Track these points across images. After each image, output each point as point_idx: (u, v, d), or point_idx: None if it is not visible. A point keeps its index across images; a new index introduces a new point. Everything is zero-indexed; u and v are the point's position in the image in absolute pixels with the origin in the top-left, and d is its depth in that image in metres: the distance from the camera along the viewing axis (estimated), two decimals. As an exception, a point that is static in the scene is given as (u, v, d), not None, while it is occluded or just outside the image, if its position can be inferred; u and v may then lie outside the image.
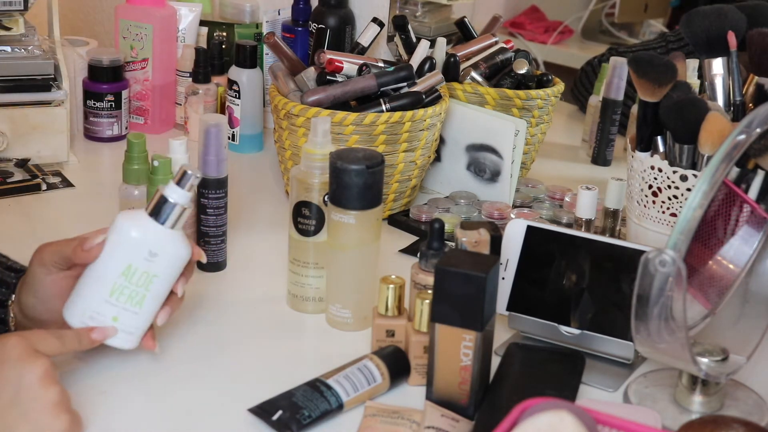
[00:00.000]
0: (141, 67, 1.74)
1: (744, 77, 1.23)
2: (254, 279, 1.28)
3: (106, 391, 1.01)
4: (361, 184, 1.11)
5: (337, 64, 1.48)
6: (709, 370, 0.99)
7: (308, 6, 1.78)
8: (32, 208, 1.45)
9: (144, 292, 1.00)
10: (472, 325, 0.98)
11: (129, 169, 1.26)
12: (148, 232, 0.99)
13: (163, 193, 1.00)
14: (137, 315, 1.00)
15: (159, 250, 0.99)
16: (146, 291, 1.00)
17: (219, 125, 1.23)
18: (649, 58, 1.19)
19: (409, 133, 1.42)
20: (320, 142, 1.16)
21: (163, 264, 1.00)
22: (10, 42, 1.56)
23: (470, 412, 1.00)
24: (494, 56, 1.64)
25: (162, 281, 1.01)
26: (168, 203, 1.00)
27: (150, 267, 0.99)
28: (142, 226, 1.00)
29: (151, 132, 1.71)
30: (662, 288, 0.90)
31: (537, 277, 1.14)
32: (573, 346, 1.11)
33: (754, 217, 1.04)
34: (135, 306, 1.00)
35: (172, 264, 1.01)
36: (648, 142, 1.23)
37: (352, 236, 1.13)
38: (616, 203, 1.36)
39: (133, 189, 1.26)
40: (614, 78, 1.72)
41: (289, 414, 0.97)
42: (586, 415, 0.80)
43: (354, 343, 1.13)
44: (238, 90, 1.68)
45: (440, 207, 1.49)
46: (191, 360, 1.09)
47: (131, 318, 1.00)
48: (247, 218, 1.45)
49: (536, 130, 1.61)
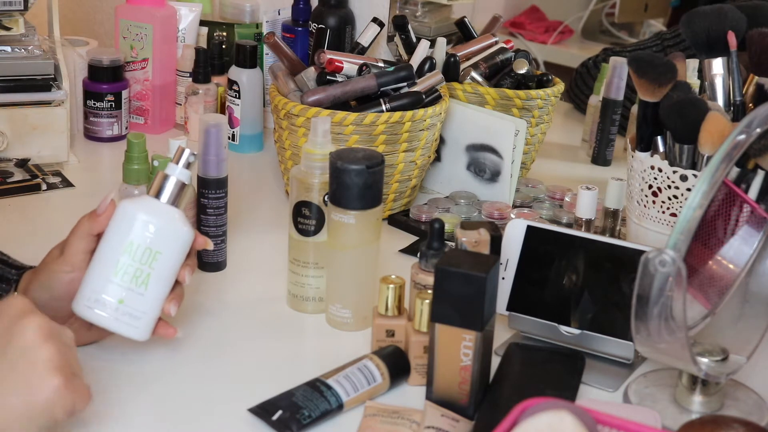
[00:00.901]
0: (141, 67, 1.74)
1: (744, 77, 1.23)
2: (254, 279, 1.28)
3: (106, 391, 1.01)
4: (361, 184, 1.11)
5: (337, 64, 1.48)
6: (709, 370, 0.99)
7: (308, 6, 1.78)
8: (32, 208, 1.45)
9: (148, 270, 1.00)
10: (472, 325, 0.98)
11: (129, 169, 1.26)
12: (147, 206, 1.01)
13: (162, 171, 1.02)
14: (143, 297, 1.00)
15: (157, 222, 1.00)
16: (150, 269, 1.00)
17: (219, 125, 1.23)
18: (649, 58, 1.19)
19: (409, 133, 1.42)
20: (320, 142, 1.16)
21: (165, 240, 1.00)
22: (10, 42, 1.56)
23: (470, 412, 1.00)
24: (494, 56, 1.64)
25: (166, 260, 1.01)
26: (166, 179, 1.02)
27: (152, 242, 1.00)
28: (141, 202, 1.01)
29: (151, 132, 1.71)
30: (662, 288, 0.90)
31: (537, 277, 1.14)
32: (573, 346, 1.11)
33: (754, 217, 1.04)
34: (140, 286, 1.00)
35: (174, 241, 1.01)
36: (648, 142, 1.23)
37: (352, 236, 1.13)
38: (616, 203, 1.36)
39: (133, 189, 1.26)
40: (614, 78, 1.72)
41: (289, 414, 0.97)
42: (586, 415, 0.80)
43: (354, 343, 1.13)
44: (238, 90, 1.68)
45: (440, 207, 1.49)
46: (191, 360, 1.09)
47: (137, 300, 1.00)
48: (247, 218, 1.45)
49: (536, 130, 1.61)
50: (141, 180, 1.26)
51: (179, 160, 1.03)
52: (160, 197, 1.02)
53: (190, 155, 1.03)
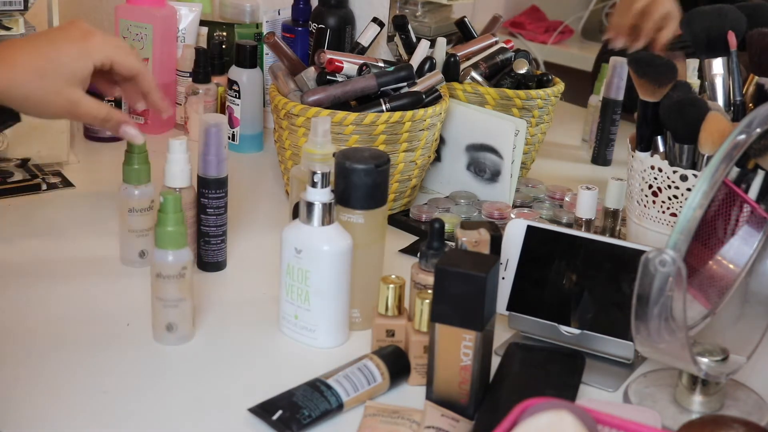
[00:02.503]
0: (141, 67, 1.73)
1: (744, 77, 1.23)
2: (254, 279, 1.28)
3: (106, 391, 1.01)
4: (370, 183, 1.11)
5: (337, 64, 1.48)
6: (709, 370, 0.99)
7: (308, 6, 1.78)
8: (32, 208, 1.45)
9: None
10: (472, 325, 0.98)
11: (129, 169, 1.26)
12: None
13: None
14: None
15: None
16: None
17: (219, 125, 1.23)
18: (649, 58, 1.19)
19: (409, 133, 1.42)
20: (320, 142, 1.16)
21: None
22: (10, 42, 1.56)
23: (470, 412, 1.00)
24: (494, 56, 1.64)
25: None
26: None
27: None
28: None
29: (151, 132, 1.71)
30: (662, 288, 0.90)
31: (537, 277, 1.14)
32: (573, 346, 1.11)
33: (754, 217, 1.04)
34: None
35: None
36: (648, 142, 1.23)
37: (361, 235, 1.13)
38: (616, 203, 1.36)
39: (133, 189, 1.26)
40: (614, 78, 1.72)
41: (289, 414, 0.97)
42: (586, 415, 0.80)
43: (354, 343, 1.13)
44: (238, 90, 1.68)
45: (440, 207, 1.49)
46: (191, 360, 1.09)
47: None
48: (247, 218, 1.45)
49: (536, 130, 1.61)
50: (141, 180, 1.26)
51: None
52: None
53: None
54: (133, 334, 1.12)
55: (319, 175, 1.07)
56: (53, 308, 1.17)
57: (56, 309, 1.17)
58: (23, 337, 1.10)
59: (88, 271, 1.26)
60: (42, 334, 1.11)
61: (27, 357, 1.07)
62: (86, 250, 1.32)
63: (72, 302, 1.19)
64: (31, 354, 1.07)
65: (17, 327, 1.12)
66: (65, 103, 1.11)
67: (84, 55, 1.12)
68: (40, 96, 1.10)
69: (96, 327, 1.13)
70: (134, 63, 1.17)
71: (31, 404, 0.98)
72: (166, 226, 1.07)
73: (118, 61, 1.15)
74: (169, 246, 1.07)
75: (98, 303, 1.18)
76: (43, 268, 1.27)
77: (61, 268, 1.27)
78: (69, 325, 1.13)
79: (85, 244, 1.33)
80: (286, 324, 1.14)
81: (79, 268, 1.27)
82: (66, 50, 1.11)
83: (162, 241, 1.07)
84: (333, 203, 1.09)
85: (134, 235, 1.27)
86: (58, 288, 1.22)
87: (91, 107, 1.14)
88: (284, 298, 1.13)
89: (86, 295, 1.20)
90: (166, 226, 1.07)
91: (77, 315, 1.16)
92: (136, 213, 1.27)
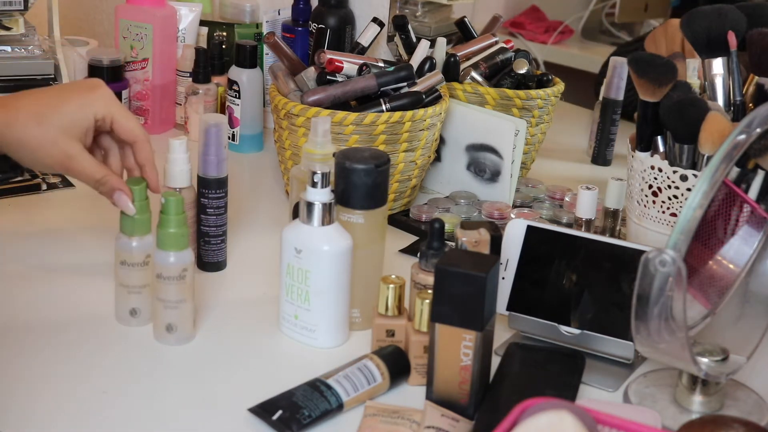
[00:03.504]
0: (141, 67, 1.74)
1: (744, 77, 1.23)
2: (254, 279, 1.28)
3: (106, 392, 1.01)
4: (370, 183, 1.11)
5: (337, 64, 1.48)
6: (709, 370, 0.99)
7: (308, 6, 1.78)
8: (32, 208, 1.45)
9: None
10: (472, 325, 0.98)
11: (125, 218, 1.12)
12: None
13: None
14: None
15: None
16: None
17: (219, 125, 1.23)
18: (649, 58, 1.19)
19: (409, 133, 1.42)
20: (320, 142, 1.16)
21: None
22: (10, 42, 1.56)
23: (470, 412, 1.00)
24: (494, 56, 1.64)
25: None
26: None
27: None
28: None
29: (151, 132, 1.69)
30: (662, 288, 0.90)
31: (537, 277, 1.14)
32: (573, 346, 1.11)
33: (754, 217, 1.04)
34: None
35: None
36: (648, 142, 1.23)
37: (361, 235, 1.13)
38: (616, 203, 1.36)
39: (129, 241, 1.11)
40: (614, 78, 1.72)
41: (289, 414, 0.97)
42: (586, 415, 0.80)
43: (354, 343, 1.13)
44: (238, 90, 1.68)
45: (440, 207, 1.49)
46: (191, 359, 1.09)
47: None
48: (247, 218, 1.45)
49: (536, 130, 1.61)
50: (137, 231, 1.11)
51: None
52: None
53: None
54: (134, 334, 1.12)
55: (319, 175, 1.07)
56: (53, 308, 1.17)
57: (56, 309, 1.17)
58: (23, 337, 1.10)
59: (87, 271, 1.26)
60: (42, 334, 1.11)
61: (26, 357, 1.07)
62: (86, 251, 1.32)
63: (72, 302, 1.19)
64: (31, 354, 1.07)
65: (17, 327, 1.12)
66: (60, 155, 1.09)
67: (86, 105, 1.10)
68: (37, 143, 1.08)
69: (96, 327, 1.13)
70: (136, 127, 1.14)
71: (31, 404, 0.98)
72: (168, 228, 1.07)
73: (119, 121, 1.12)
74: (171, 247, 1.07)
75: (98, 303, 1.18)
76: (42, 268, 1.27)
77: (60, 268, 1.27)
78: (69, 325, 1.13)
79: (85, 245, 1.33)
80: (286, 324, 1.14)
81: (78, 268, 1.27)
82: (69, 99, 1.10)
83: (163, 243, 1.07)
84: (333, 203, 1.09)
85: (125, 290, 1.12)
86: (58, 288, 1.22)
87: (87, 165, 1.10)
88: (284, 298, 1.13)
89: (86, 296, 1.20)
90: (168, 227, 1.07)
91: (77, 315, 1.16)
92: (127, 267, 1.11)
